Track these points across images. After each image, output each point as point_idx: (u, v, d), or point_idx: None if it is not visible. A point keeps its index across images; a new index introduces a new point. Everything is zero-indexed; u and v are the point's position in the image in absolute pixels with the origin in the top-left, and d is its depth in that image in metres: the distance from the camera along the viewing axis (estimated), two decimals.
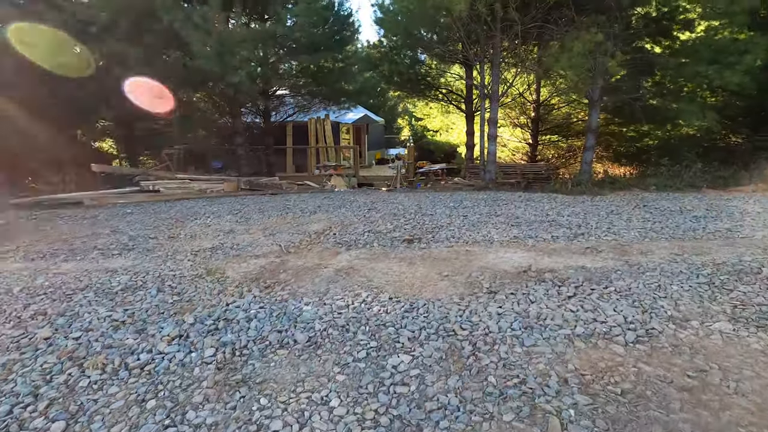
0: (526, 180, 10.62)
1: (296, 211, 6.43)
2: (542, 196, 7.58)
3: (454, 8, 7.54)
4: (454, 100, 13.79)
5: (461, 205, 6.59)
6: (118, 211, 6.62)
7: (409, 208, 6.36)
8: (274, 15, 10.30)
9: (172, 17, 8.94)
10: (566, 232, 4.58)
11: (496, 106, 9.49)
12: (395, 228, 5.03)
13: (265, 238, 4.81)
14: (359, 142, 18.79)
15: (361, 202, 7.23)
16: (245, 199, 8.05)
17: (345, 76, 12.77)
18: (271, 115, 13.96)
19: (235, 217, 6.02)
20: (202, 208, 6.87)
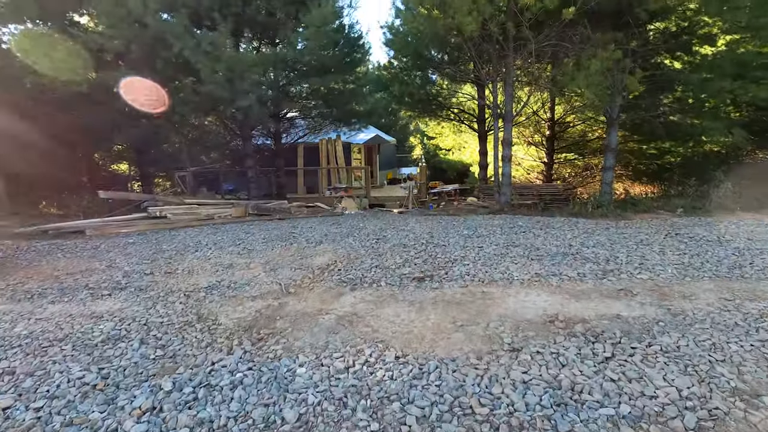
0: (542, 201, 10.15)
1: (301, 240, 6.10)
2: (562, 221, 7.12)
3: (465, 29, 7.28)
4: (466, 119, 13.49)
5: (476, 233, 6.17)
6: (119, 241, 6.39)
7: (420, 237, 5.98)
8: (284, 39, 10.22)
9: (183, 44, 8.89)
10: (593, 269, 4.13)
11: (509, 126, 9.12)
12: (405, 262, 4.64)
13: (266, 275, 4.47)
14: (371, 162, 18.58)
15: (370, 229, 6.87)
16: (251, 226, 7.78)
17: (355, 98, 12.61)
18: (282, 136, 13.84)
19: (237, 248, 5.71)
20: (206, 237, 6.60)
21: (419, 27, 8.18)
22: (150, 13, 8.72)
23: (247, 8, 9.78)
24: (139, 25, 8.93)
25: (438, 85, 11.72)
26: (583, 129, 14.29)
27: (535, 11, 7.15)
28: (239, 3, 9.62)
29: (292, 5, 10.17)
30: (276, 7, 9.97)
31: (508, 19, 7.65)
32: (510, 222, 7.09)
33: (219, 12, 9.25)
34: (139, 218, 8.55)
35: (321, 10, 9.59)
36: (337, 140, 16.26)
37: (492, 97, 9.19)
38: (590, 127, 13.74)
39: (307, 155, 16.40)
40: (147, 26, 8.90)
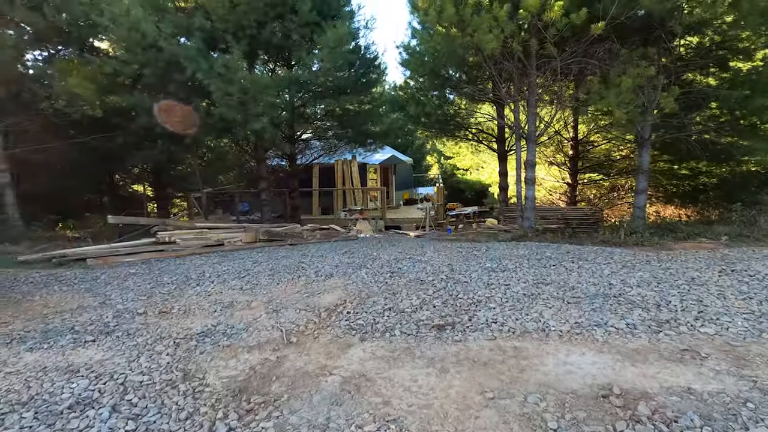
0: (568, 226, 9.49)
1: (310, 273, 5.63)
2: (594, 250, 6.47)
3: (485, 47, 6.87)
4: (484, 139, 13.00)
5: (500, 265, 5.60)
6: (120, 271, 6.05)
7: (439, 270, 5.44)
8: (299, 61, 10.03)
9: (196, 67, 8.76)
10: (644, 317, 3.51)
11: (533, 148, 8.59)
12: (422, 304, 4.11)
13: (267, 316, 3.99)
14: (386, 182, 18.21)
15: (384, 259, 6.37)
16: (260, 254, 7.37)
17: (371, 118, 12.31)
18: (297, 157, 13.60)
19: (241, 282, 5.28)
20: (211, 267, 6.21)
21: (436, 46, 7.81)
22: (164, 36, 8.62)
23: (262, 30, 9.64)
24: (154, 49, 8.84)
25: (456, 105, 11.30)
26: (608, 148, 13.63)
27: (561, 27, 6.70)
28: (254, 25, 9.49)
29: (307, 27, 9.99)
30: (291, 29, 9.81)
31: (531, 36, 7.21)
32: (537, 252, 6.48)
33: (233, 35, 9.12)
34: (146, 244, 8.26)
35: (336, 31, 9.37)
36: (353, 161, 15.98)
37: (513, 117, 8.70)
38: (616, 147, 13.07)
39: (322, 176, 16.15)
40: (161, 50, 8.79)
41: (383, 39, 51.63)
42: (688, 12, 7.11)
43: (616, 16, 6.88)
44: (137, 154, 10.01)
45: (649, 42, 7.88)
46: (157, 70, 9.15)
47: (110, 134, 10.03)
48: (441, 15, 7.26)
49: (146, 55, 8.90)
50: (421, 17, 7.54)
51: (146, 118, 9.21)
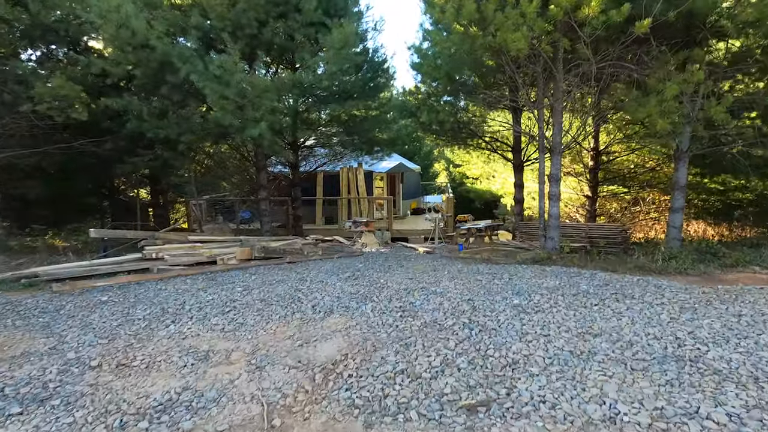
0: (593, 245, 8.56)
1: (307, 307, 4.77)
2: (636, 282, 5.55)
3: (510, 47, 6.00)
4: (499, 148, 12.11)
5: (530, 302, 4.70)
6: (90, 299, 5.22)
7: (458, 308, 4.55)
8: (302, 63, 9.21)
9: (190, 68, 7.97)
10: (745, 400, 2.60)
11: (558, 160, 7.68)
12: (444, 364, 3.22)
13: (248, 377, 3.13)
14: (393, 191, 17.35)
15: (393, 289, 5.49)
16: (253, 276, 6.52)
17: (378, 125, 11.47)
18: (300, 165, 12.79)
19: (224, 320, 4.42)
20: (193, 296, 5.36)
21: (452, 47, 6.96)
22: (156, 35, 7.84)
23: (263, 30, 8.84)
24: (145, 48, 8.07)
25: (470, 112, 10.42)
26: (631, 160, 12.67)
27: (597, 25, 5.82)
28: (254, 24, 8.70)
29: (312, 27, 9.19)
30: (294, 29, 9.01)
31: (562, 35, 6.33)
32: (569, 283, 5.57)
33: (231, 34, 8.33)
34: (131, 260, 7.45)
35: (342, 30, 8.56)
36: (359, 168, 15.14)
37: (537, 127, 7.81)
38: (640, 158, 12.13)
39: (326, 184, 15.32)
40: (153, 49, 8.02)
41: (391, 42, 50.77)
42: (741, 11, 6.21)
43: (658, 15, 5.99)
44: (128, 161, 9.25)
45: (690, 45, 6.97)
46: (148, 70, 8.38)
47: (99, 139, 9.28)
48: (459, 12, 6.42)
49: (137, 54, 8.13)
50: (437, 15, 6.73)
51: (137, 122, 8.43)
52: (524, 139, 11.88)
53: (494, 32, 6.27)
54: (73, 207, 16.61)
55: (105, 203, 17.71)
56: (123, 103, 8.28)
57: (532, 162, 11.90)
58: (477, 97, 8.67)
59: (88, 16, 7.74)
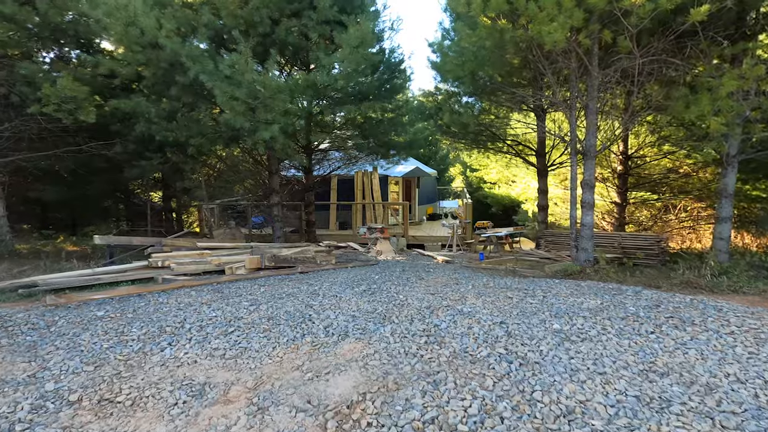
0: (627, 256, 7.86)
1: (318, 329, 4.23)
2: (690, 303, 4.87)
3: (545, 40, 5.41)
4: (522, 152, 11.45)
5: (573, 326, 4.08)
6: (85, 315, 4.79)
7: (491, 333, 3.96)
8: (317, 62, 8.75)
9: (200, 67, 7.58)
10: None
11: (592, 165, 7.03)
12: (482, 410, 2.64)
13: (247, 422, 2.61)
14: (409, 196, 16.80)
15: (414, 307, 4.92)
16: (262, 289, 6.03)
17: (395, 127, 10.94)
18: (314, 168, 12.35)
19: (226, 343, 3.91)
20: (195, 312, 4.88)
21: (478, 42, 6.39)
22: (166, 33, 7.47)
23: (276, 28, 8.43)
24: (153, 47, 7.71)
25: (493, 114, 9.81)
26: (663, 164, 11.86)
27: (644, 14, 5.18)
28: (267, 22, 8.28)
29: (327, 25, 8.75)
30: (309, 27, 8.57)
31: (603, 27, 5.71)
32: (612, 303, 4.92)
33: (244, 33, 7.92)
34: (136, 269, 7.06)
35: (359, 27, 8.08)
36: (374, 173, 14.66)
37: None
38: (674, 163, 11.32)
39: (341, 188, 14.87)
40: (162, 48, 7.65)
41: (407, 43, 50.02)
42: None
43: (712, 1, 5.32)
44: (137, 164, 8.92)
45: (741, 38, 6.26)
46: (158, 71, 8.04)
47: (108, 142, 8.98)
48: (487, 4, 5.86)
49: (146, 54, 7.79)
50: (462, 8, 6.18)
51: (145, 125, 8.08)
52: (548, 142, 11.22)
53: (525, 24, 5.68)
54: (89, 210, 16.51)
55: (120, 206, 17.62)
56: (131, 104, 7.94)
57: (556, 167, 11.22)
58: (501, 97, 8.06)
59: (95, 14, 7.42)
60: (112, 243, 7.48)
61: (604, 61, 6.47)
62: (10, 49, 7.84)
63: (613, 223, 12.95)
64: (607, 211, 13.63)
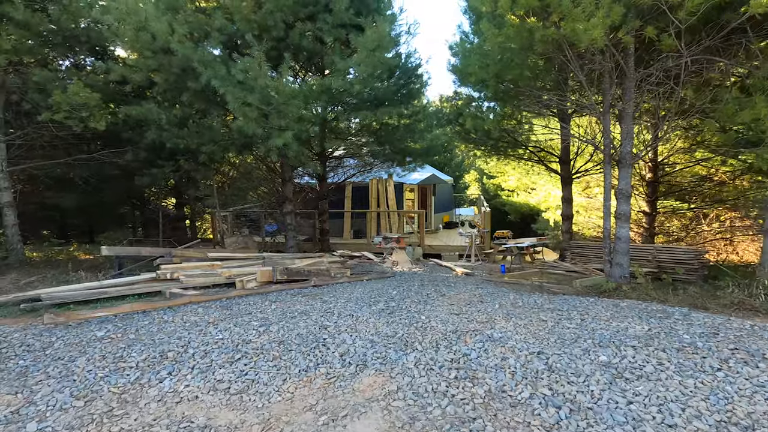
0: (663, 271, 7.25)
1: (334, 357, 3.79)
2: (754, 330, 4.28)
3: (582, 39, 4.93)
4: (545, 159, 10.89)
5: (623, 359, 3.56)
6: (84, 335, 4.44)
7: (528, 366, 3.46)
8: (332, 66, 8.41)
9: (212, 73, 7.29)
10: None
11: (627, 173, 6.48)
12: None
13: None
14: (425, 204, 16.33)
15: (439, 331, 4.45)
16: (273, 306, 5.62)
17: (411, 134, 10.52)
18: (328, 176, 12.00)
19: (231, 374, 3.50)
20: (201, 333, 4.49)
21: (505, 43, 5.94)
22: (177, 38, 7.21)
23: (290, 32, 8.12)
24: (165, 52, 7.46)
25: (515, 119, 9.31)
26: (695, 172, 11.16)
27: (693, 8, 4.66)
28: (281, 26, 7.98)
29: (342, 28, 8.40)
30: (324, 31, 8.24)
31: (645, 22, 5.20)
32: (661, 328, 4.36)
33: (257, 37, 7.62)
34: (143, 281, 6.75)
35: (376, 30, 7.72)
36: (389, 180, 14.24)
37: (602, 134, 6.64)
38: (708, 170, 10.62)
39: (355, 196, 14.49)
40: (174, 54, 7.39)
41: (422, 47, 49.65)
42: None
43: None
44: (147, 172, 8.68)
45: None
46: (169, 77, 7.79)
47: (120, 150, 8.77)
48: (516, 1, 5.41)
49: (157, 59, 7.55)
50: (487, 6, 5.75)
51: (156, 132, 7.83)
52: (572, 149, 10.65)
53: (557, 22, 5.21)
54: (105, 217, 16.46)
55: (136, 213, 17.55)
56: (142, 111, 7.70)
57: (581, 174, 10.63)
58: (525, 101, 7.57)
59: (106, 19, 7.21)
60: (120, 254, 7.20)
61: (642, 61, 5.94)
62: (23, 56, 7.67)
63: (642, 233, 12.25)
64: (634, 221, 12.93)
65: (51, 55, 8.40)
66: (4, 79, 7.80)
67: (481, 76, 6.65)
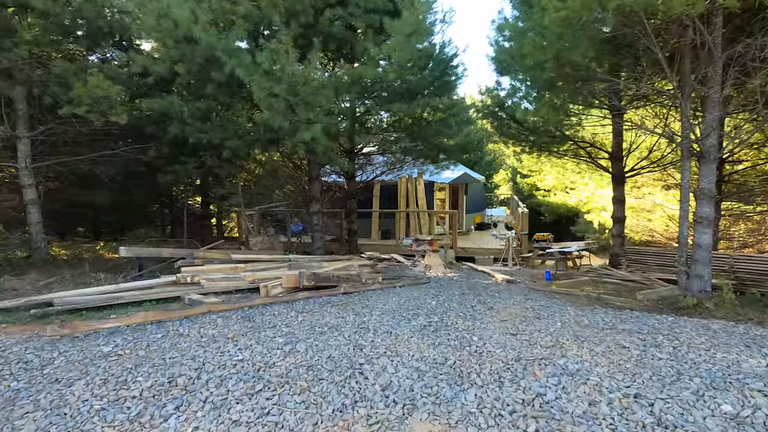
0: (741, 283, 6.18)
1: (375, 390, 3.05)
2: None
3: (674, 5, 4.01)
4: (595, 156, 9.84)
5: (755, 412, 2.67)
6: (88, 350, 3.88)
7: (633, 420, 2.63)
8: (364, 54, 7.69)
9: (236, 62, 6.71)
10: None
11: (712, 171, 5.47)
12: None
13: None
14: (456, 204, 15.43)
15: (498, 358, 3.64)
16: (299, 320, 4.94)
17: (448, 128, 9.70)
18: (357, 174, 11.32)
19: (249, 411, 2.82)
20: (218, 351, 3.85)
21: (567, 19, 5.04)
22: (201, 26, 6.65)
23: (320, 18, 7.45)
24: (188, 42, 6.93)
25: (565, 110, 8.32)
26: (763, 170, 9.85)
27: None
28: (310, 12, 7.32)
29: (375, 14, 7.68)
30: (355, 16, 7.54)
31: None
32: None
33: (285, 24, 6.99)
34: (163, 285, 6.24)
35: (413, 13, 6.95)
36: (419, 179, 13.43)
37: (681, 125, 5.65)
38: None
39: (383, 195, 13.77)
40: (197, 43, 6.85)
41: (457, 38, 47.47)
42: None
43: None
44: (170, 169, 8.23)
45: None
46: (192, 67, 7.25)
47: (144, 146, 8.35)
48: None
49: (180, 48, 7.03)
50: None
51: (179, 126, 7.33)
52: (625, 145, 9.56)
53: None
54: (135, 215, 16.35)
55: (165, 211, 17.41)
56: (164, 104, 7.21)
57: (635, 173, 9.53)
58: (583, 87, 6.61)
59: (127, 5, 6.74)
60: (141, 255, 6.72)
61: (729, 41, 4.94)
62: (45, 48, 7.33)
63: None
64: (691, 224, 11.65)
65: (74, 48, 8.03)
66: (27, 71, 7.45)
67: (537, 58, 5.76)
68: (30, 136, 7.94)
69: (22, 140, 7.90)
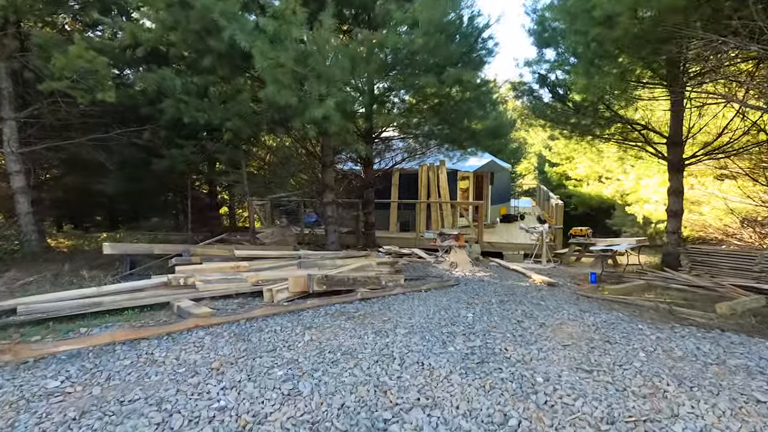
0: None
1: None
2: None
3: None
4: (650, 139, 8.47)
5: None
6: (31, 385, 2.96)
7: None
8: (386, 18, 6.51)
9: (237, 26, 5.64)
10: None
11: None
12: None
13: None
14: (481, 194, 14.18)
15: (585, 416, 2.54)
16: (305, 340, 3.92)
17: (480, 108, 8.47)
18: (374, 161, 10.22)
19: None
20: (194, 392, 2.85)
21: None
22: None
23: None
24: (182, 6, 5.88)
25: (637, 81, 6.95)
26: None
27: None
28: None
29: None
30: None
31: None
32: None
33: None
34: (152, 287, 5.31)
35: None
36: (441, 167, 12.24)
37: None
38: None
39: (402, 184, 12.63)
40: (191, 7, 5.80)
41: None
42: None
43: None
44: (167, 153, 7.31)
45: None
46: (187, 35, 6.23)
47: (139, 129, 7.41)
48: None
49: (172, 12, 5.99)
50: None
51: (173, 104, 6.34)
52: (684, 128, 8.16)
53: None
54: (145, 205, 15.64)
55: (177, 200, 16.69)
56: (155, 78, 6.21)
57: (697, 159, 8.15)
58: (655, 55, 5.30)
59: None
60: (127, 252, 5.81)
61: None
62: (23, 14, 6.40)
63: (762, 233, 9.59)
64: (746, 217, 10.20)
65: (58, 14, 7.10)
66: (8, 45, 6.55)
67: (610, 9, 4.49)
68: (15, 118, 7.09)
69: (7, 122, 7.06)
